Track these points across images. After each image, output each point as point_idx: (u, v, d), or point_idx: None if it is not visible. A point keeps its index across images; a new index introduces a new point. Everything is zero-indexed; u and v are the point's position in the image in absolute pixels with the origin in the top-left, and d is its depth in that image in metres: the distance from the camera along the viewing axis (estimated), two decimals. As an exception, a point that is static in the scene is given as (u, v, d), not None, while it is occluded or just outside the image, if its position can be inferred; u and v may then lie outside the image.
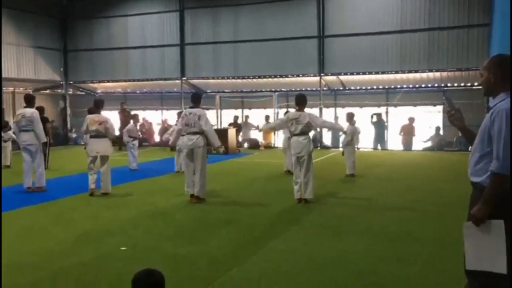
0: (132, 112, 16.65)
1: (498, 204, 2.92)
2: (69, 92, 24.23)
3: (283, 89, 21.41)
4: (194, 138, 8.31)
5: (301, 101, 8.30)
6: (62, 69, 23.45)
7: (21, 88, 22.25)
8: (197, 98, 8.88)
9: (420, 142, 18.90)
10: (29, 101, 9.76)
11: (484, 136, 3.03)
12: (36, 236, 6.22)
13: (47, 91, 23.90)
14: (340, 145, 12.35)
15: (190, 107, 8.78)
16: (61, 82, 23.63)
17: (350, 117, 11.94)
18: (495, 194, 2.91)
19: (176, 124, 10.77)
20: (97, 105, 9.67)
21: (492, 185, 2.93)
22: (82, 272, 4.81)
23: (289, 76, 20.35)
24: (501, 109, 2.93)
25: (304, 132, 8.10)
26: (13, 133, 11.49)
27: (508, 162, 2.85)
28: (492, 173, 2.92)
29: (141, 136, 19.57)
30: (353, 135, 11.64)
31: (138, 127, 15.51)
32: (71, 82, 23.98)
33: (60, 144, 21.66)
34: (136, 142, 13.39)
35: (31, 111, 9.55)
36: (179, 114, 11.95)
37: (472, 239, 2.99)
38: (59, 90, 24.00)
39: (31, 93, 17.44)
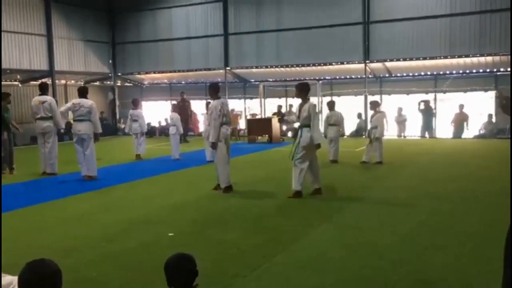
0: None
1: None
2: (118, 84, 24.96)
3: (327, 77, 21.17)
4: (227, 129, 8.37)
5: (299, 89, 7.89)
6: (110, 61, 24.16)
7: (73, 81, 23.12)
8: (211, 89, 8.58)
9: (470, 130, 18.23)
10: (83, 92, 10.10)
11: None
12: (84, 222, 6.49)
13: (97, 83, 24.71)
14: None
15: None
16: (110, 74, 24.36)
17: (374, 105, 11.98)
18: None
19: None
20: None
21: None
22: (127, 256, 5.00)
23: (333, 63, 20.07)
24: None
25: (306, 124, 7.76)
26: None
27: None
28: None
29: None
30: (378, 124, 11.49)
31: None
32: (119, 74, 24.67)
33: (110, 134, 22.41)
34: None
35: (90, 102, 9.90)
36: (207, 104, 11.38)
37: None
38: (108, 82, 24.76)
39: (84, 85, 18.12)
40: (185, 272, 2.53)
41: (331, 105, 12.36)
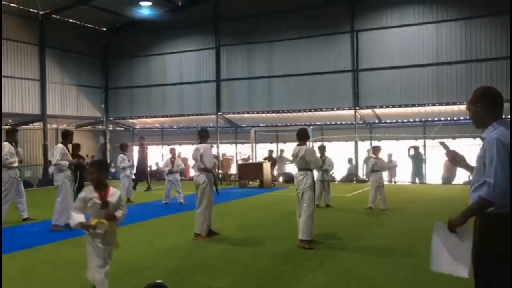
0: (170, 147, 16.78)
1: (499, 240, 3.00)
2: (109, 128, 25.01)
3: (317, 123, 21.43)
4: (197, 175, 8.28)
5: (300, 135, 7.86)
6: (103, 106, 24.32)
7: (64, 125, 23.15)
8: (201, 134, 8.63)
9: (460, 176, 18.32)
10: (62, 136, 9.70)
11: (480, 167, 3.13)
12: (74, 268, 6.31)
13: (89, 127, 24.77)
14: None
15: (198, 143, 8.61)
16: (102, 119, 24.46)
17: (375, 150, 12.12)
18: (475, 214, 3.08)
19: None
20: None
21: (477, 206, 3.06)
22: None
23: (324, 109, 20.38)
24: (491, 138, 3.05)
25: (303, 168, 7.65)
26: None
27: (497, 190, 2.94)
28: (481, 197, 3.02)
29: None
30: (376, 167, 11.63)
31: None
32: (111, 118, 24.78)
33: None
34: (168, 177, 13.52)
35: (56, 147, 9.54)
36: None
37: (441, 241, 3.21)
38: (100, 126, 24.82)
39: (73, 129, 18.13)
40: None
41: (322, 149, 12.43)
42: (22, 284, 5.65)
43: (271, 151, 20.92)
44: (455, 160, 3.37)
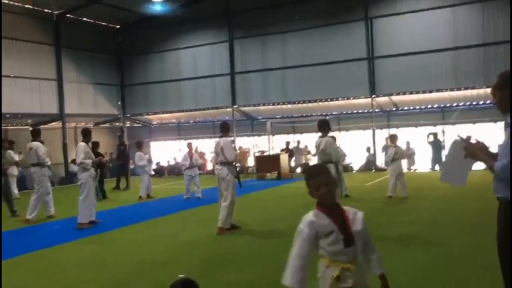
0: (187, 141, 16.79)
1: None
2: (127, 125, 25.23)
3: (334, 112, 21.27)
4: (219, 168, 8.27)
5: (321, 126, 7.85)
6: (119, 103, 24.53)
7: (83, 123, 23.41)
8: (222, 128, 8.61)
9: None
10: (83, 134, 9.81)
11: (503, 152, 3.08)
12: (96, 265, 6.41)
13: (106, 125, 25.01)
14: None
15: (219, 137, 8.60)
16: (119, 116, 24.67)
17: (393, 139, 12.03)
18: (487, 165, 3.12)
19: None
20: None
21: (490, 167, 3.08)
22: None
23: (340, 99, 20.22)
24: None
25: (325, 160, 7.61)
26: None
27: (505, 170, 2.96)
28: (495, 167, 3.04)
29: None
30: (396, 157, 11.50)
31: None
32: (128, 115, 24.98)
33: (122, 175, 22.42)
34: (187, 172, 13.57)
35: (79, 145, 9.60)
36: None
37: (453, 156, 3.48)
38: (118, 123, 25.04)
39: (92, 127, 18.35)
40: None
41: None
42: (44, 283, 5.74)
43: (288, 143, 20.88)
44: (474, 153, 3.27)
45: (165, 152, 24.75)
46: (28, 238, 8.62)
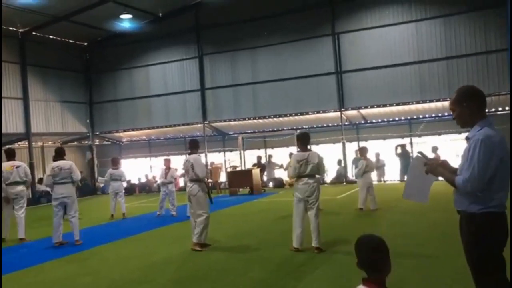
0: (162, 158, 16.49)
1: (488, 236, 3.12)
2: (96, 143, 24.84)
3: (304, 126, 21.50)
4: (190, 186, 8.27)
5: (306, 139, 7.77)
6: (88, 121, 24.16)
7: (50, 142, 22.95)
8: (191, 145, 8.65)
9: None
10: (60, 153, 9.83)
11: (464, 166, 3.17)
12: (65, 287, 6.27)
13: (75, 143, 24.57)
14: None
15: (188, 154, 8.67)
16: (88, 134, 24.29)
17: (363, 151, 12.18)
18: (448, 181, 3.24)
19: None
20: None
21: (451, 182, 3.20)
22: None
23: (310, 113, 20.46)
24: (476, 139, 3.10)
25: (313, 175, 7.56)
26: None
27: (466, 184, 3.07)
28: (455, 182, 3.15)
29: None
30: (366, 169, 11.70)
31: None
32: (97, 133, 24.62)
33: (89, 194, 22.05)
34: (163, 188, 13.40)
35: (69, 163, 9.65)
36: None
37: (414, 173, 3.55)
38: (86, 142, 24.64)
39: (61, 145, 17.99)
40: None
41: None
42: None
43: (259, 157, 20.94)
44: (435, 169, 3.37)
45: (135, 169, 24.44)
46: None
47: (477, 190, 3.07)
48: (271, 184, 20.62)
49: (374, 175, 18.89)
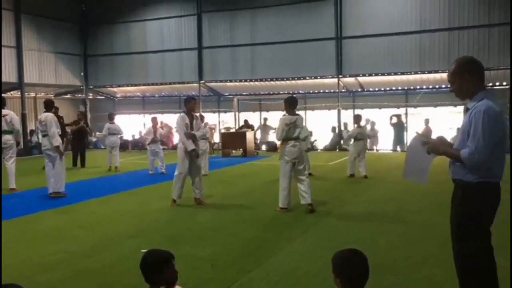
0: (151, 116, 16.45)
1: (480, 206, 3.14)
2: (89, 97, 24.58)
3: (300, 91, 21.35)
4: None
5: (294, 103, 7.87)
6: (82, 74, 23.82)
7: (43, 93, 22.66)
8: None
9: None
10: (47, 105, 9.68)
11: (464, 137, 3.15)
12: (59, 238, 6.31)
13: (68, 96, 24.30)
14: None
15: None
16: (82, 87, 23.99)
17: (357, 119, 12.16)
18: (452, 157, 3.22)
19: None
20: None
21: (453, 155, 3.18)
22: (103, 273, 4.87)
23: (307, 78, 20.30)
24: (478, 110, 3.07)
25: (299, 138, 7.84)
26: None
27: (473, 157, 3.03)
28: (460, 153, 3.10)
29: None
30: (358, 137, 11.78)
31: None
32: (91, 87, 24.32)
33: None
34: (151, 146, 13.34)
35: (45, 115, 9.42)
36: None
37: (413, 152, 3.55)
38: (80, 95, 24.37)
39: (52, 98, 17.78)
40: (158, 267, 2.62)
41: None
42: (7, 254, 5.61)
43: (246, 121, 20.50)
44: (435, 148, 3.35)
45: (129, 126, 24.30)
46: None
47: (483, 161, 3.04)
48: (264, 147, 20.64)
49: (367, 144, 19.09)
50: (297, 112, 7.92)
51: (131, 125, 24.22)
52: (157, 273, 2.58)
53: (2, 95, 13.91)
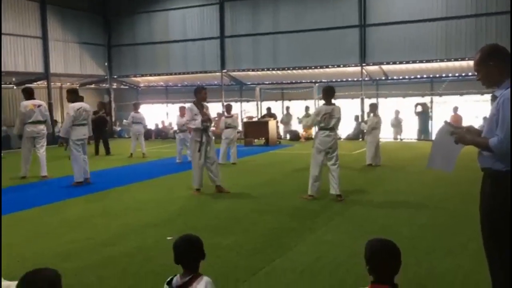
0: (178, 105, 16.35)
1: (502, 201, 3.05)
2: (113, 86, 24.86)
3: (323, 80, 21.15)
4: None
5: (332, 93, 7.93)
6: (106, 64, 24.07)
7: (68, 83, 22.99)
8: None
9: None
10: (71, 93, 9.99)
11: (492, 125, 3.08)
12: (83, 226, 6.43)
13: (92, 86, 24.62)
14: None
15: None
16: (106, 77, 24.26)
17: (373, 108, 12.18)
18: (480, 146, 3.14)
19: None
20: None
21: (481, 143, 3.11)
22: (126, 261, 4.94)
23: (330, 66, 20.10)
24: (506, 98, 2.99)
25: (334, 128, 7.86)
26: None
27: (503, 145, 2.95)
28: (488, 141, 3.03)
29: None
30: (375, 126, 11.74)
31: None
32: (115, 77, 24.58)
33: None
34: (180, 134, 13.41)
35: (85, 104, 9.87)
36: (227, 106, 13.67)
37: (440, 141, 3.48)
38: (104, 85, 24.67)
39: (78, 87, 18.05)
40: (193, 250, 2.91)
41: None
42: (34, 242, 5.75)
43: (269, 109, 20.48)
44: (464, 137, 3.28)
45: (152, 115, 24.52)
46: (17, 196, 8.59)
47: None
48: (287, 136, 20.58)
49: (391, 133, 18.87)
50: (333, 102, 7.90)
51: (154, 114, 24.44)
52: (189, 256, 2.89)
53: (29, 85, 14.24)
